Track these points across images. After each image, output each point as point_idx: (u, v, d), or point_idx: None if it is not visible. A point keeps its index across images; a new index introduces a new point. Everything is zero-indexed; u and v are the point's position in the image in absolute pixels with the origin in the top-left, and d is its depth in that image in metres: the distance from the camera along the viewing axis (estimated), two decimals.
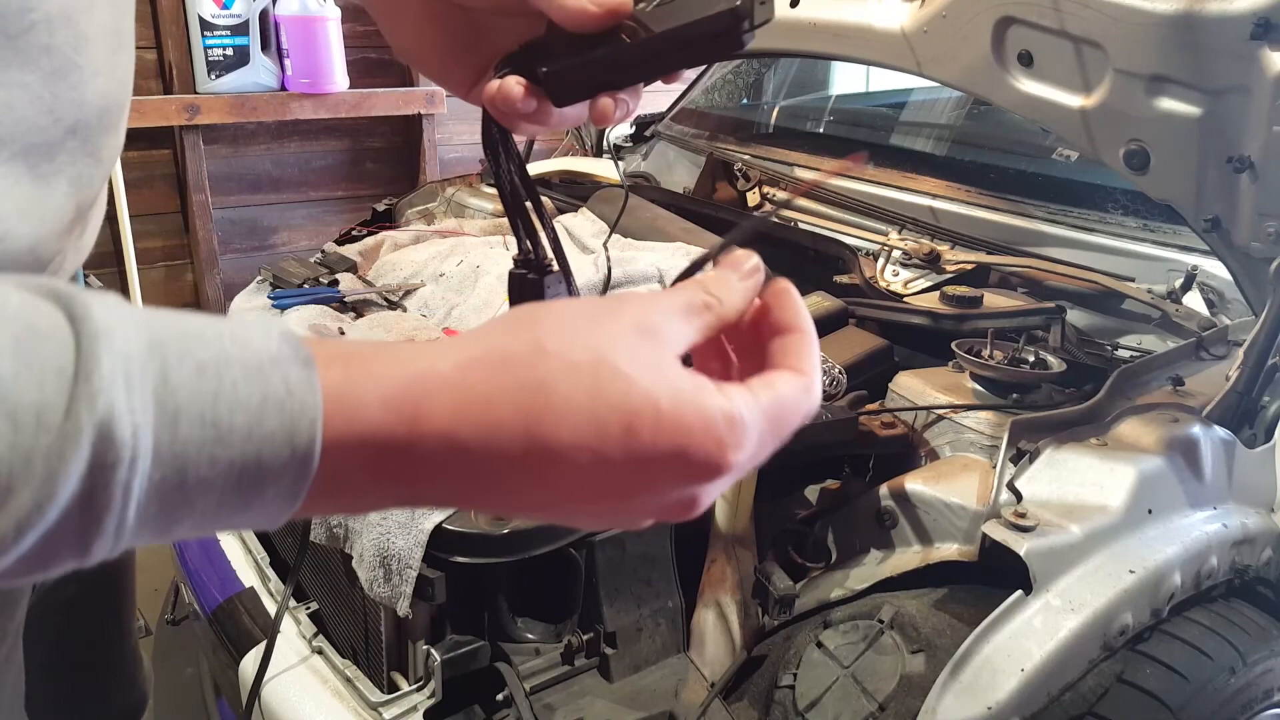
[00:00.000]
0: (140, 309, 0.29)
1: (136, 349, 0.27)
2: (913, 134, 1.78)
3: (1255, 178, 1.00)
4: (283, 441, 0.29)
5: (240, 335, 0.30)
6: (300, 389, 0.30)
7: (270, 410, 0.29)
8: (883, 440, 1.02)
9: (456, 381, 0.32)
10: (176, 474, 0.28)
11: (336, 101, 2.61)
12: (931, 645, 0.85)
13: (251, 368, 0.29)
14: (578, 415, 0.33)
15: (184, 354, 0.28)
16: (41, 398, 0.26)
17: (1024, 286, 1.33)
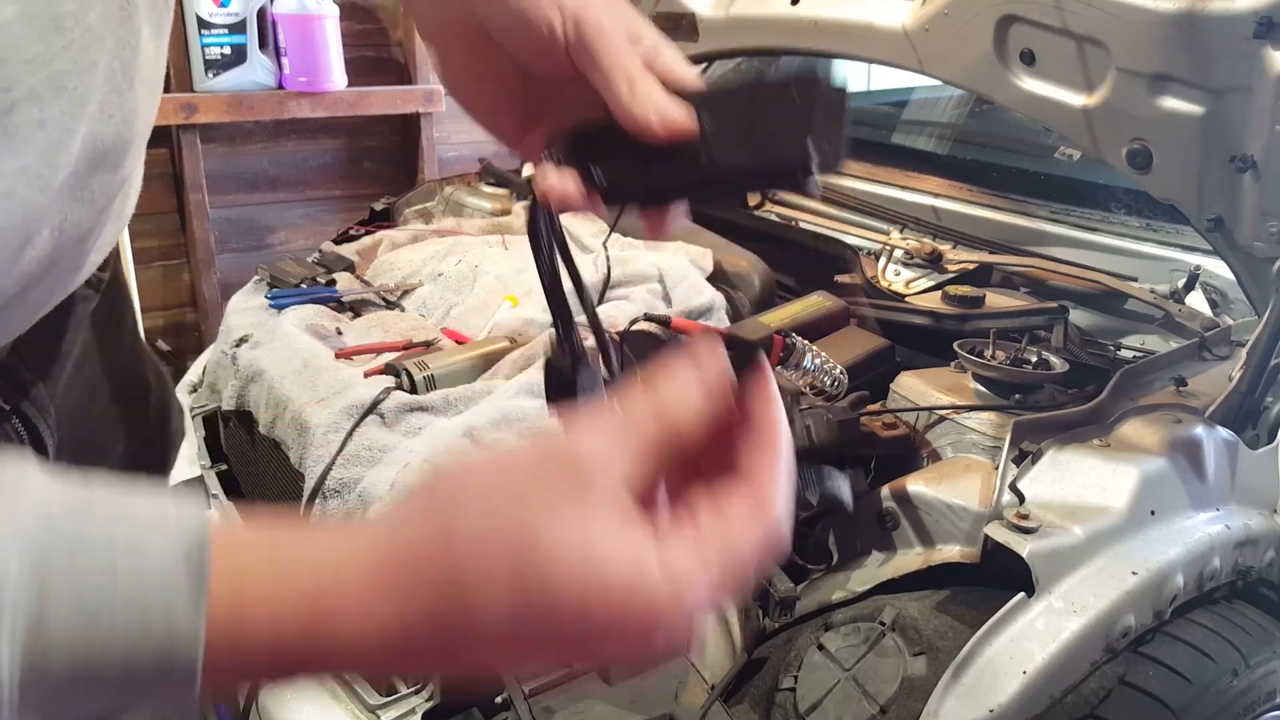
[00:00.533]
0: (42, 514, 0.28)
1: (12, 593, 0.27)
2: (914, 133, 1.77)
3: (1258, 177, 0.99)
4: (157, 671, 0.29)
5: (139, 542, 0.29)
6: (182, 624, 0.29)
7: (148, 643, 0.28)
8: (884, 441, 1.01)
9: (362, 594, 0.31)
10: (45, 706, 0.28)
11: (334, 100, 2.60)
12: (933, 647, 0.84)
13: (134, 597, 0.28)
14: (494, 609, 0.30)
15: (66, 586, 0.28)
16: None
17: (1026, 286, 1.32)
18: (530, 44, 0.47)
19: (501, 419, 0.98)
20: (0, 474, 0.29)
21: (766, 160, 0.44)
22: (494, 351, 1.17)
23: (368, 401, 1.03)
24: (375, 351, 1.21)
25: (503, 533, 0.31)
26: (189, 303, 2.71)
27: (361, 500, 0.93)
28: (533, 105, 0.51)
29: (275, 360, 1.18)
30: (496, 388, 1.08)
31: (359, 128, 2.82)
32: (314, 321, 1.29)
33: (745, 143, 0.45)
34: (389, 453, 0.98)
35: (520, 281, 1.36)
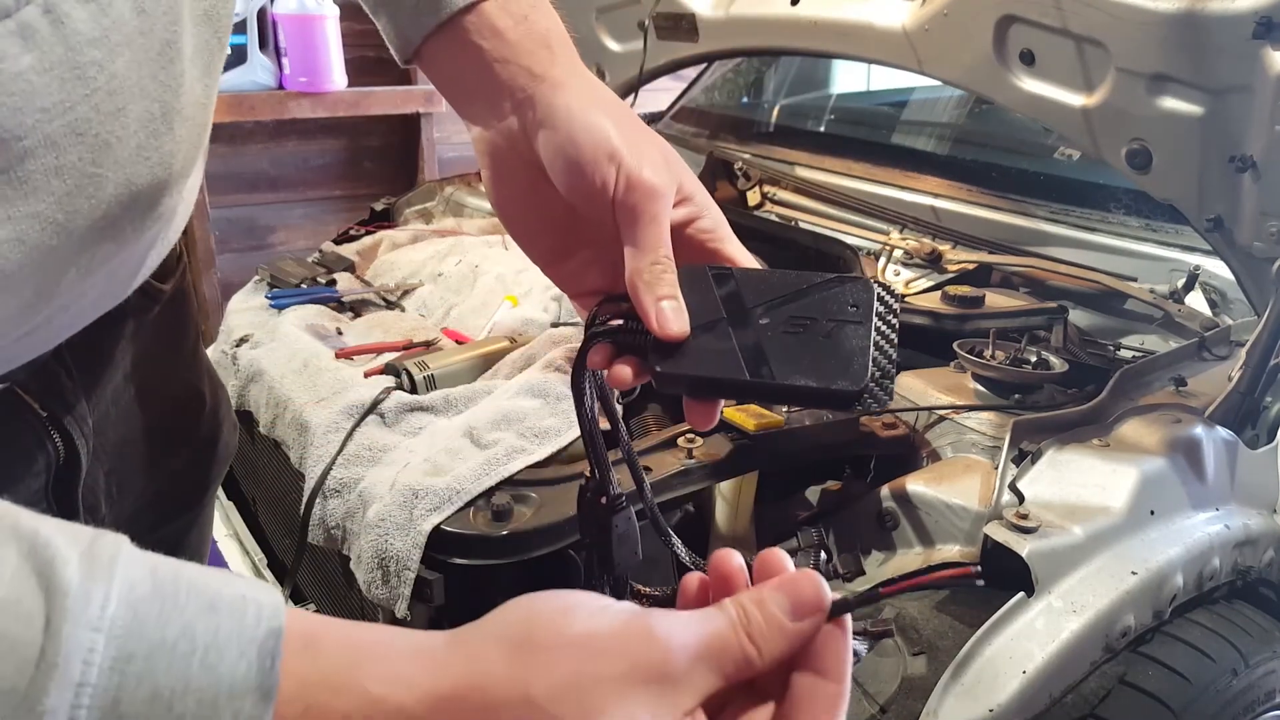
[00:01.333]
0: (130, 608, 0.29)
1: (95, 674, 0.28)
2: (914, 133, 1.77)
3: (1257, 177, 0.99)
4: None
5: (214, 652, 0.30)
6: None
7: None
8: (884, 441, 1.02)
9: (431, 706, 0.31)
10: None
11: (334, 100, 2.60)
12: (933, 647, 0.84)
13: (206, 700, 0.29)
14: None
15: (145, 676, 0.29)
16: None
17: (1026, 286, 1.32)
18: (582, 190, 0.48)
19: (501, 419, 0.98)
20: (96, 555, 0.30)
21: (813, 386, 0.44)
22: (494, 351, 1.17)
23: (368, 401, 1.03)
24: (375, 351, 1.21)
25: (578, 704, 0.31)
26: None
27: (362, 500, 0.93)
28: (573, 236, 0.52)
29: (275, 360, 1.18)
30: (496, 388, 1.08)
31: (359, 128, 2.82)
32: (314, 321, 1.29)
33: (803, 356, 0.45)
34: (389, 453, 0.99)
35: (520, 281, 1.36)
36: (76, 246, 0.42)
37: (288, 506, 1.13)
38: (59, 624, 0.28)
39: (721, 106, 2.09)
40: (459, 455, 0.94)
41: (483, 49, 0.50)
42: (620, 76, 1.85)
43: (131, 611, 0.29)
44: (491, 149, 0.52)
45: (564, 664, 0.32)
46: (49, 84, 0.37)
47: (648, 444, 0.96)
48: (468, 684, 0.32)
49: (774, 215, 1.73)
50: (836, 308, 0.46)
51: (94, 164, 0.40)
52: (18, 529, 0.30)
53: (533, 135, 0.50)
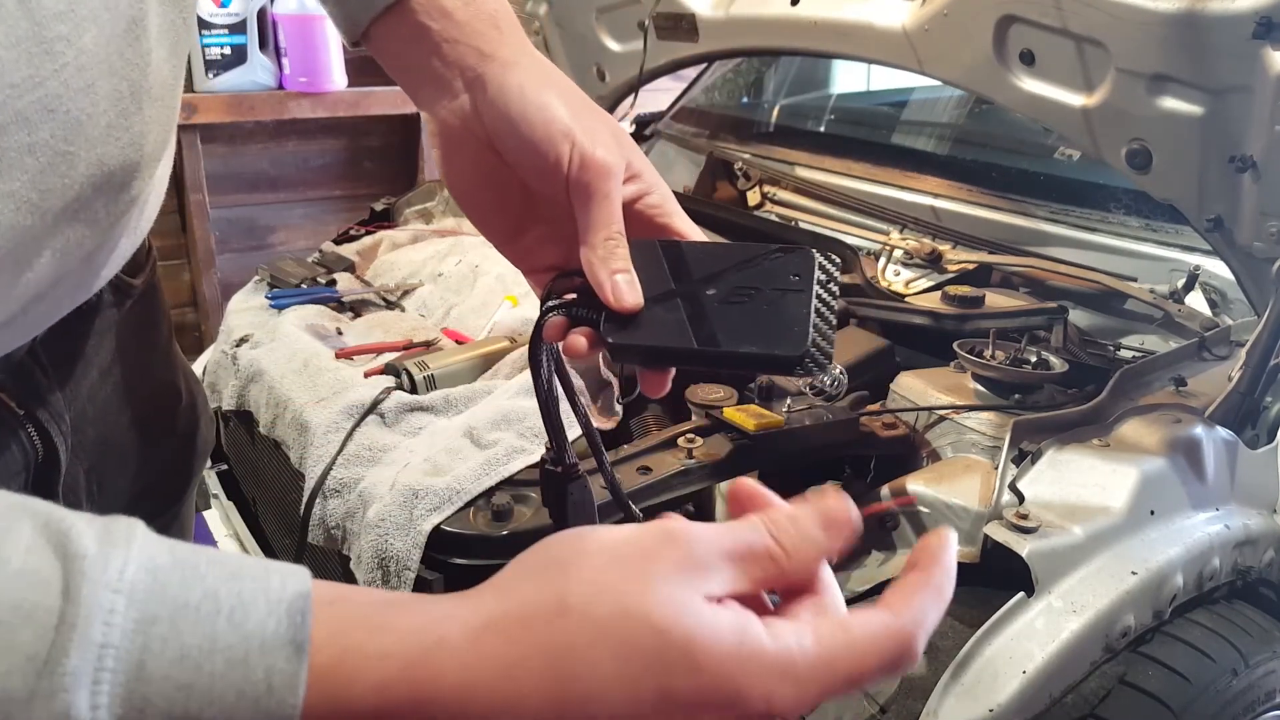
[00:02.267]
0: (144, 569, 0.28)
1: (118, 635, 0.27)
2: (914, 133, 1.77)
3: (1257, 177, 0.99)
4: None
5: (241, 609, 0.29)
6: (282, 686, 0.28)
7: (245, 707, 0.28)
8: (884, 441, 1.02)
9: (468, 655, 0.30)
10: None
11: (334, 100, 2.60)
12: (933, 647, 0.84)
13: (236, 657, 0.28)
14: (607, 681, 0.30)
15: (170, 637, 0.28)
16: (8, 684, 0.26)
17: (1026, 286, 1.32)
18: (536, 168, 0.49)
19: (501, 419, 0.98)
20: (112, 529, 0.29)
21: (756, 352, 0.46)
22: (494, 351, 1.17)
23: (368, 401, 1.03)
24: (375, 351, 1.21)
25: (614, 601, 0.31)
26: (189, 303, 2.71)
27: (362, 500, 0.93)
28: (526, 213, 0.54)
29: (275, 360, 1.18)
30: (496, 388, 1.08)
31: (359, 128, 2.82)
32: (314, 321, 1.29)
33: (746, 324, 0.47)
34: (389, 453, 0.99)
35: (520, 281, 1.36)
36: (51, 227, 0.42)
37: (288, 506, 1.13)
38: (77, 587, 0.27)
39: (721, 106, 2.09)
40: (459, 455, 0.94)
41: (431, 29, 0.51)
42: (620, 76, 1.85)
43: (152, 576, 0.28)
44: (444, 129, 0.52)
45: (591, 569, 0.32)
46: (17, 59, 0.37)
47: (648, 444, 0.96)
48: (502, 610, 0.31)
49: (774, 215, 1.73)
50: (779, 277, 0.48)
51: (65, 141, 0.40)
52: (29, 507, 0.29)
53: (485, 115, 0.50)
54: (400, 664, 0.30)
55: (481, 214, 0.55)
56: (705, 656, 0.30)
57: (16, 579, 0.27)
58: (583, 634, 0.30)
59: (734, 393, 1.03)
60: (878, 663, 0.33)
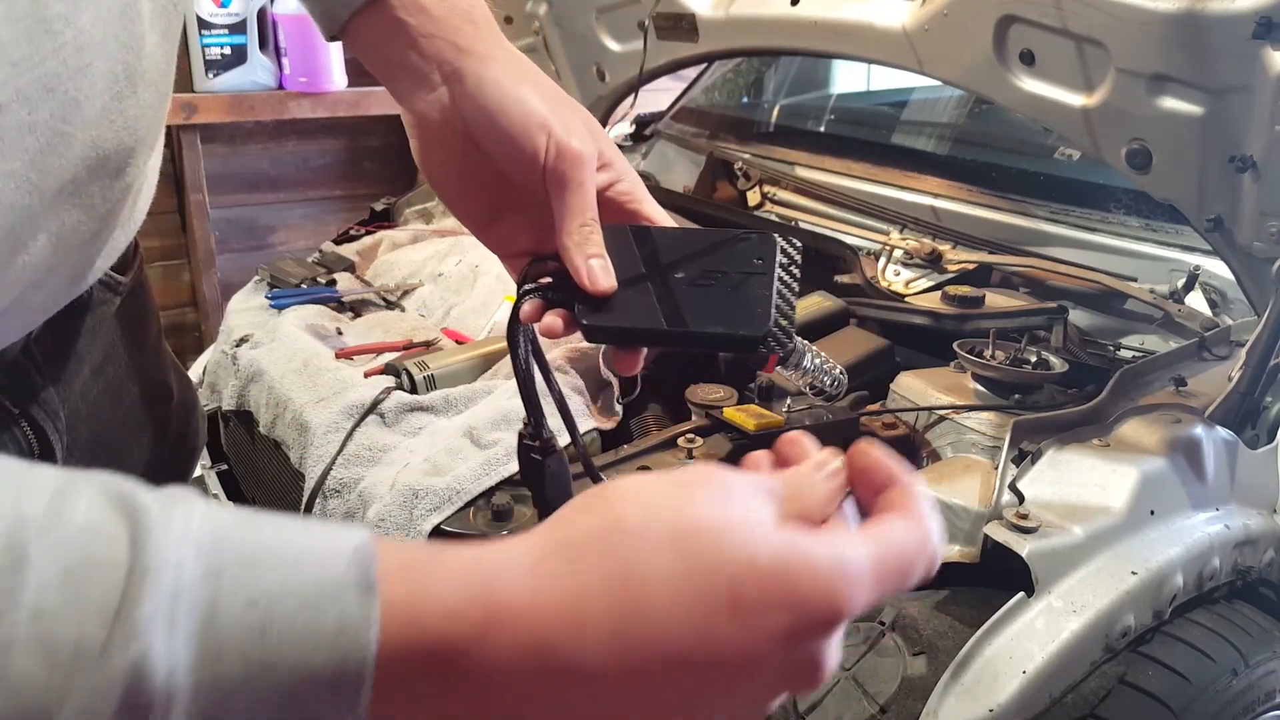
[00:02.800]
0: (207, 524, 0.29)
1: (188, 582, 0.27)
2: (914, 133, 1.77)
3: (1257, 177, 0.99)
4: (328, 680, 0.28)
5: (307, 557, 0.29)
6: (354, 624, 0.28)
7: (319, 648, 0.28)
8: (884, 441, 1.02)
9: (531, 581, 0.30)
10: (219, 712, 0.27)
11: (334, 100, 2.60)
12: (933, 647, 0.84)
13: (308, 600, 0.28)
14: (673, 590, 0.30)
15: (238, 585, 0.28)
16: (81, 634, 0.26)
17: (1026, 286, 1.32)
18: (513, 157, 0.52)
19: (501, 419, 0.98)
20: (170, 492, 0.29)
21: (720, 332, 0.50)
22: (494, 351, 1.17)
23: (368, 401, 1.03)
24: (375, 351, 1.21)
25: (667, 519, 0.32)
26: (189, 303, 2.71)
27: (362, 500, 0.93)
28: (502, 201, 0.56)
29: (275, 360, 1.18)
30: (496, 388, 1.08)
31: (359, 128, 2.82)
32: (314, 321, 1.29)
33: (713, 305, 0.50)
34: (389, 453, 0.99)
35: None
36: (48, 208, 0.43)
37: (288, 506, 1.13)
38: (144, 540, 0.27)
39: (721, 106, 2.09)
40: (459, 455, 0.94)
41: (408, 24, 0.53)
42: (620, 76, 1.85)
43: (215, 530, 0.29)
44: (421, 121, 0.54)
45: (641, 498, 0.33)
46: (17, 37, 0.37)
47: (648, 444, 0.96)
48: (557, 539, 0.32)
49: (774, 215, 1.73)
50: (743, 261, 0.51)
51: (64, 121, 0.41)
52: (85, 475, 0.29)
53: (463, 107, 0.52)
54: (466, 592, 0.30)
55: (458, 201, 0.57)
56: (764, 559, 0.31)
57: (82, 534, 0.27)
58: (642, 549, 0.31)
59: (734, 393, 1.03)
60: (916, 552, 0.35)
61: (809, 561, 0.31)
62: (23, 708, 0.25)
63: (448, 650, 0.29)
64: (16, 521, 0.26)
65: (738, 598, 0.30)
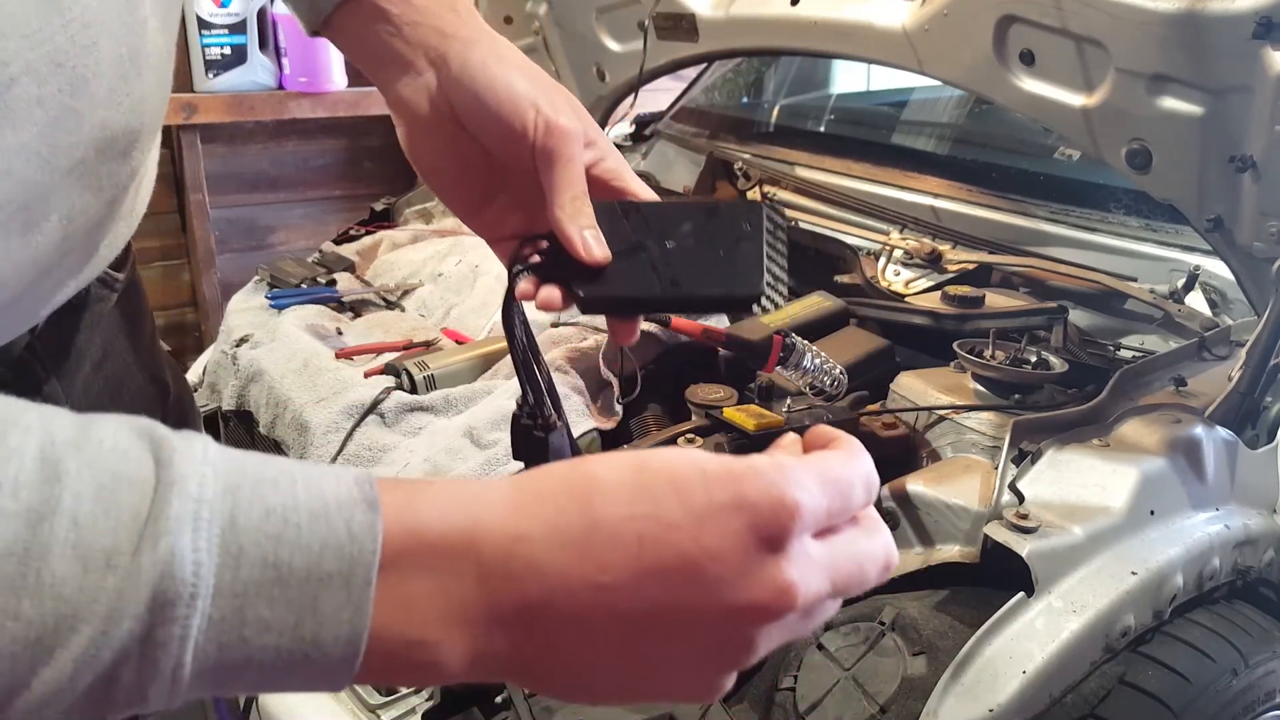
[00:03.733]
0: (223, 452, 0.31)
1: (210, 493, 0.29)
2: (914, 133, 1.77)
3: (1257, 177, 0.99)
4: (339, 584, 0.30)
5: (313, 481, 0.31)
6: (362, 533, 0.31)
7: (329, 554, 0.30)
8: (884, 441, 1.02)
9: (510, 512, 0.33)
10: (235, 613, 0.29)
11: (334, 100, 2.60)
12: (933, 647, 0.84)
13: (317, 513, 0.30)
14: (632, 508, 0.33)
15: (255, 499, 0.30)
16: (114, 541, 0.28)
17: (1026, 286, 1.32)
18: (502, 135, 0.53)
19: (501, 419, 0.98)
20: (184, 433, 0.32)
21: (718, 293, 0.52)
22: (494, 351, 1.17)
23: (368, 401, 1.03)
24: (375, 351, 1.21)
25: (630, 460, 0.35)
26: (189, 303, 2.71)
27: None
28: (490, 185, 0.57)
29: (275, 360, 1.18)
30: (496, 388, 1.08)
31: (359, 128, 2.82)
32: (314, 321, 1.29)
33: (706, 269, 0.52)
34: (389, 453, 0.99)
35: None
36: (59, 187, 0.43)
37: None
38: (168, 459, 0.29)
39: (721, 106, 2.09)
40: (459, 455, 0.94)
41: (391, 13, 0.54)
42: (620, 76, 1.85)
43: (231, 456, 0.31)
44: (409, 108, 0.56)
45: (607, 455, 0.36)
46: (28, 11, 0.38)
47: (647, 444, 0.96)
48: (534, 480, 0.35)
49: None
50: (731, 228, 0.52)
51: (72, 97, 0.41)
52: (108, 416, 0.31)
53: (450, 90, 0.54)
54: (455, 518, 0.33)
55: (446, 187, 0.58)
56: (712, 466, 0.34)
57: (111, 455, 0.29)
58: (605, 482, 0.34)
59: (734, 393, 1.03)
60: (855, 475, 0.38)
61: (753, 467, 0.34)
62: (56, 609, 0.27)
63: (440, 557, 0.32)
64: (47, 440, 0.28)
65: (689, 501, 0.33)
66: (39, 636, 0.26)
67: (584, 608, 0.32)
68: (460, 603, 0.32)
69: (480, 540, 0.32)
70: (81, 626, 0.27)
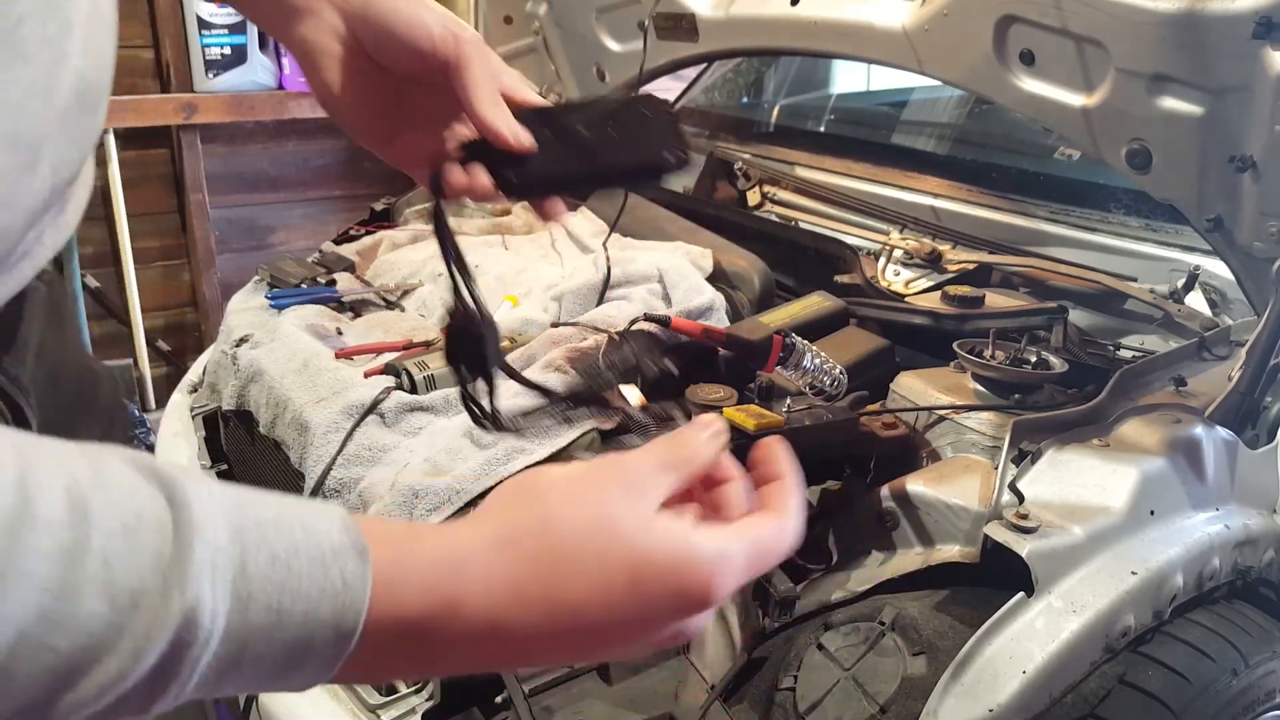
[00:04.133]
0: (224, 492, 0.33)
1: (223, 540, 0.31)
2: (914, 133, 1.77)
3: (1257, 177, 0.99)
4: (330, 628, 0.34)
5: (309, 524, 0.34)
6: (355, 583, 0.34)
7: (326, 601, 0.33)
8: (884, 441, 1.01)
9: (486, 565, 0.38)
10: (238, 651, 0.32)
11: None
12: (933, 647, 0.84)
13: (315, 560, 0.33)
14: (589, 577, 0.38)
15: (261, 543, 0.33)
16: (140, 582, 0.30)
17: (1026, 286, 1.32)
18: (412, 60, 0.57)
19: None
20: (185, 470, 0.34)
21: (642, 163, 0.58)
22: None
23: (368, 401, 1.03)
24: (375, 351, 1.21)
25: (588, 515, 0.39)
26: (189, 303, 2.71)
27: (362, 500, 0.93)
28: (400, 114, 0.61)
29: (275, 360, 1.18)
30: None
31: None
32: (314, 321, 1.29)
33: (616, 150, 0.58)
34: (389, 453, 0.99)
35: (520, 282, 1.36)
36: (52, 131, 0.45)
37: None
38: (181, 500, 0.31)
39: (721, 106, 2.09)
40: (459, 455, 0.94)
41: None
42: (620, 76, 1.85)
43: (233, 497, 0.33)
44: (316, 49, 0.59)
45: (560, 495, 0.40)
46: None
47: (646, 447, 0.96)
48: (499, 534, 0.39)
49: (774, 215, 1.73)
50: (635, 115, 0.59)
51: (64, 39, 0.44)
52: (94, 447, 0.33)
53: (357, 27, 0.58)
54: (437, 573, 0.37)
55: (360, 123, 0.61)
56: (660, 556, 0.39)
57: (129, 494, 0.31)
58: (567, 543, 0.39)
59: (734, 393, 1.03)
60: (777, 547, 0.43)
61: (694, 559, 0.40)
62: (86, 644, 0.29)
63: (420, 620, 0.36)
64: (71, 481, 0.30)
65: (638, 585, 0.39)
66: (69, 667, 0.28)
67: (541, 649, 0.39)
68: (429, 663, 0.39)
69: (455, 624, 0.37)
70: (107, 659, 0.29)
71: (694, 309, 1.19)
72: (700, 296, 1.22)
